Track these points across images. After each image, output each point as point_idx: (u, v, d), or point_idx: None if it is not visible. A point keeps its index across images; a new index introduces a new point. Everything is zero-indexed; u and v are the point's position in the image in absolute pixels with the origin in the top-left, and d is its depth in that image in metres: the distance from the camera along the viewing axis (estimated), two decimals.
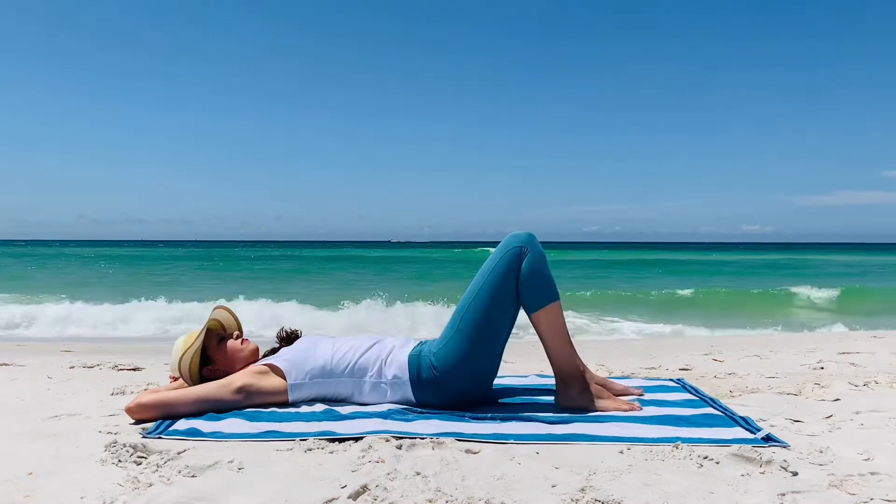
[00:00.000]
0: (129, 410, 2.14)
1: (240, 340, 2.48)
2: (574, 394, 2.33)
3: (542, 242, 2.35)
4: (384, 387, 2.34)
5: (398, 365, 2.34)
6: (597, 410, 2.29)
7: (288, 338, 2.55)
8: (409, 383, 2.31)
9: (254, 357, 2.46)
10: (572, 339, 2.37)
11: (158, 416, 2.12)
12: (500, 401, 2.47)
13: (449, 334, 2.33)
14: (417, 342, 2.44)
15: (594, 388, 2.35)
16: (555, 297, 2.32)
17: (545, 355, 2.36)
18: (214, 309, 2.53)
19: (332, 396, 2.37)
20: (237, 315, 2.61)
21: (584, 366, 2.37)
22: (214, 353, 2.43)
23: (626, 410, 2.28)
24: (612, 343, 6.75)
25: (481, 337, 2.29)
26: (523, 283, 2.28)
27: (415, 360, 2.33)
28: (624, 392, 2.53)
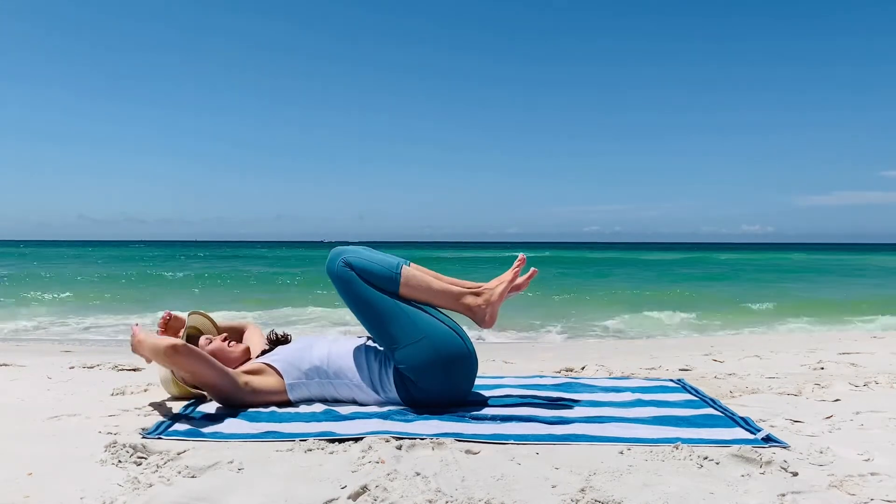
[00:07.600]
0: (163, 351, 2.09)
1: (227, 342, 2.45)
2: (484, 315, 2.35)
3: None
4: (384, 388, 2.32)
5: (388, 378, 2.31)
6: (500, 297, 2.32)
7: (278, 341, 2.53)
8: (401, 394, 2.31)
9: (245, 356, 2.45)
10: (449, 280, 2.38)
11: (187, 366, 2.13)
12: (501, 399, 2.47)
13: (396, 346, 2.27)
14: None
15: (487, 293, 2.35)
16: (396, 267, 2.29)
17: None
18: (189, 315, 2.49)
19: (331, 398, 2.36)
20: (213, 318, 2.58)
21: (470, 285, 2.36)
22: None
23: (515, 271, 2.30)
24: (612, 343, 6.75)
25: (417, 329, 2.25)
26: (368, 279, 2.27)
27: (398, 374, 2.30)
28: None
